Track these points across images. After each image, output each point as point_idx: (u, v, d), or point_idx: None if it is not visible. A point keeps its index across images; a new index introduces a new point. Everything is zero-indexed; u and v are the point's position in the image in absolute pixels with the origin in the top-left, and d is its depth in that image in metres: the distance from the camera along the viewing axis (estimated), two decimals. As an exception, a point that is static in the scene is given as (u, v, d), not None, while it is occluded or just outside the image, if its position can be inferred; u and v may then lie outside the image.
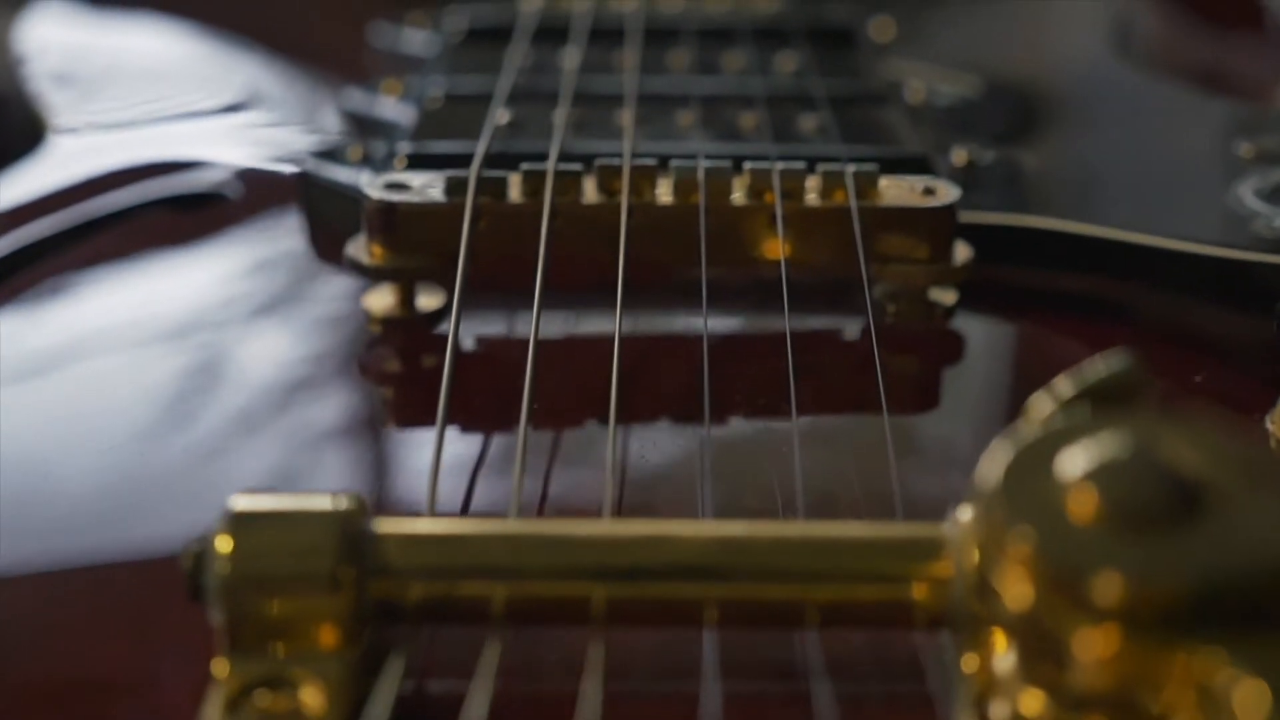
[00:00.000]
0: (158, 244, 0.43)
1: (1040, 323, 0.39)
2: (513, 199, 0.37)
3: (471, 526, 0.27)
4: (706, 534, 0.26)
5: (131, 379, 0.37)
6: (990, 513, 0.24)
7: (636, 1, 0.56)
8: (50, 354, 0.38)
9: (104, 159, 0.47)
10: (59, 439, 0.35)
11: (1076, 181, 0.45)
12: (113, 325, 0.39)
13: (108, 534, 0.31)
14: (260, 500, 0.26)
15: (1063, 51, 0.57)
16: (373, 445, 0.36)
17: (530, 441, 0.33)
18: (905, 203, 0.38)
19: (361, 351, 0.38)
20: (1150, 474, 0.23)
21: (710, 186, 0.38)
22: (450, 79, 0.48)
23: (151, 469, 0.33)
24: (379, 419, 0.37)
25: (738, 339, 0.39)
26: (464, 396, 0.35)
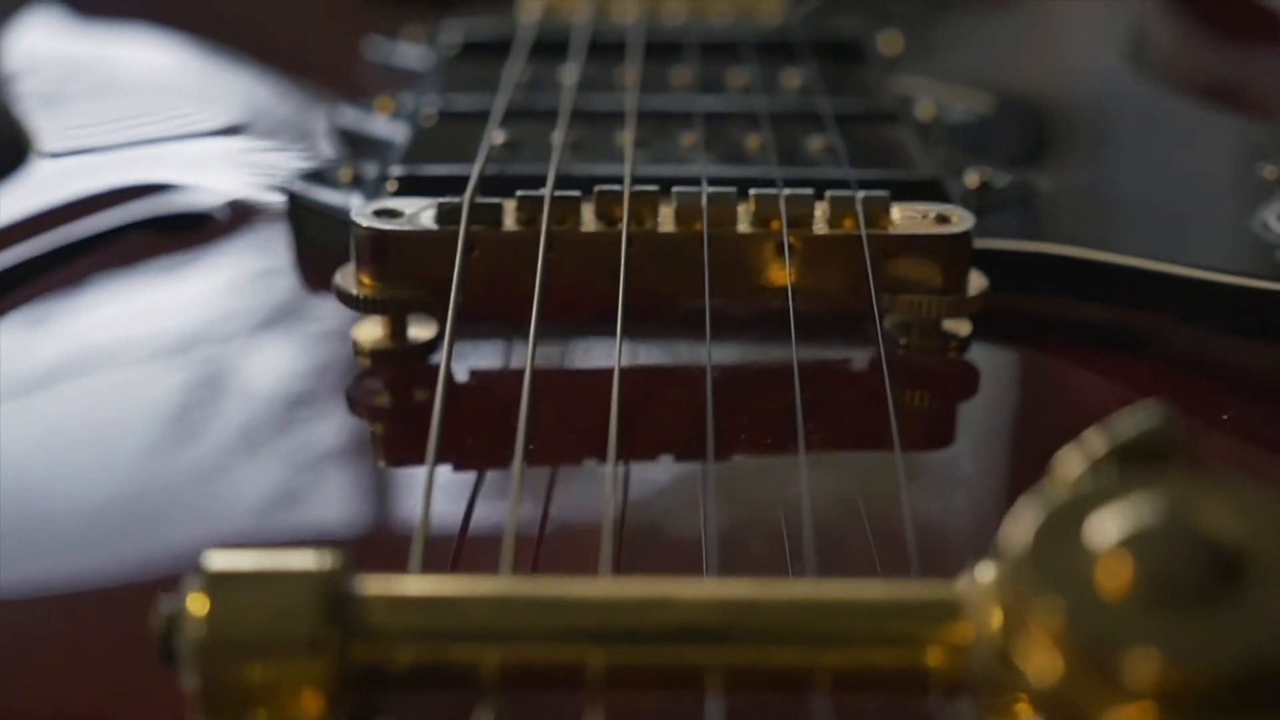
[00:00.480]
0: (139, 270, 0.42)
1: (1059, 354, 0.38)
2: (508, 227, 0.36)
3: (461, 586, 0.25)
4: (710, 595, 0.25)
5: (106, 406, 0.36)
6: (1016, 580, 0.22)
7: (637, 14, 0.54)
8: (22, 383, 0.36)
9: (87, 182, 0.45)
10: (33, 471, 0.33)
11: (1094, 205, 0.44)
12: (86, 355, 0.38)
13: (81, 563, 0.30)
14: (237, 558, 0.25)
15: (1077, 66, 0.55)
16: (360, 487, 0.34)
17: (525, 482, 0.31)
18: (918, 231, 0.36)
19: (350, 385, 0.36)
20: (1187, 543, 0.22)
21: (714, 214, 0.36)
22: (445, 96, 0.47)
23: (126, 501, 0.32)
24: (367, 457, 0.35)
25: (743, 372, 0.37)
26: (456, 434, 0.33)
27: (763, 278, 0.36)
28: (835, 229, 0.36)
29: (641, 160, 0.41)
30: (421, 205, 0.36)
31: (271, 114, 0.53)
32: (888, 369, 0.34)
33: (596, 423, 0.32)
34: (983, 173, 0.43)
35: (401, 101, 0.49)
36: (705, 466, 0.32)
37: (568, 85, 0.47)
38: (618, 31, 0.53)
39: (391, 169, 0.41)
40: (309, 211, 0.42)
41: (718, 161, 0.41)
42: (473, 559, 0.30)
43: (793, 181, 0.39)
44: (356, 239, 0.36)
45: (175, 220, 0.44)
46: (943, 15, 0.60)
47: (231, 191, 0.45)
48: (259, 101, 0.54)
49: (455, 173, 0.40)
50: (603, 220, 0.36)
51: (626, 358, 0.37)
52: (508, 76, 0.47)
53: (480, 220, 0.36)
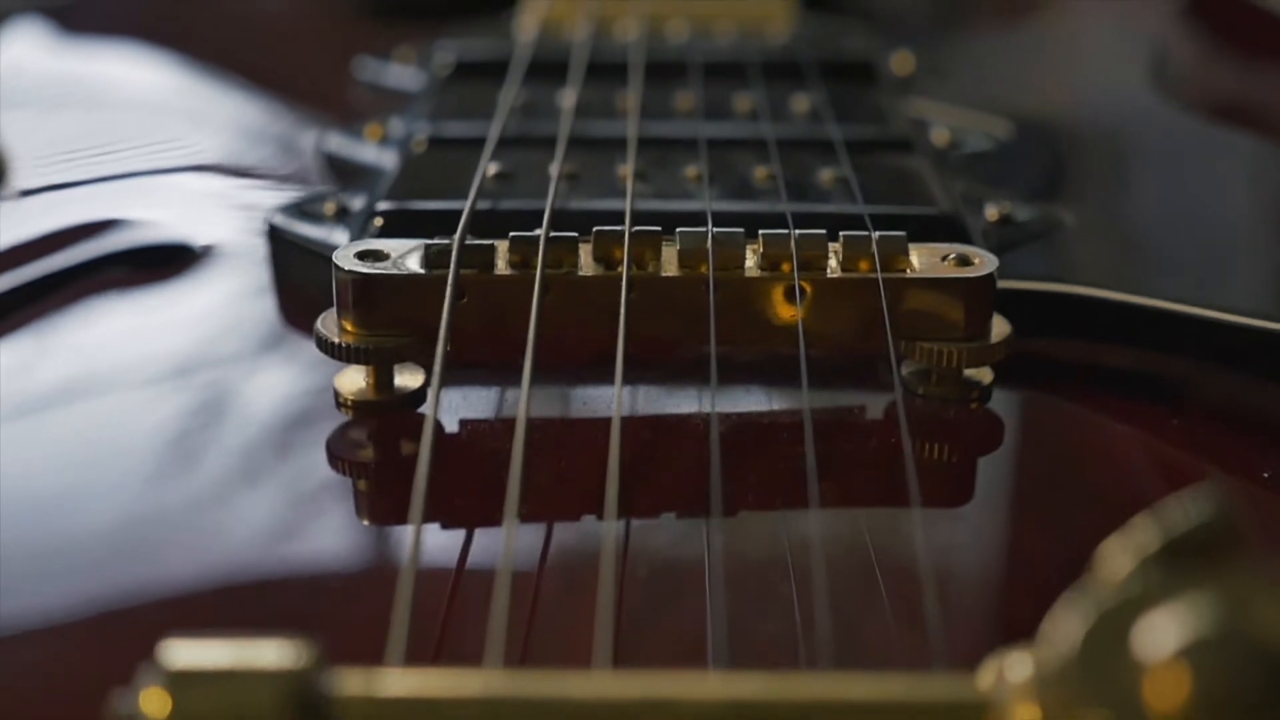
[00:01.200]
0: (107, 310, 0.39)
1: (1087, 403, 0.35)
2: (500, 270, 0.34)
3: (445, 683, 0.23)
4: (717, 695, 0.22)
5: (66, 457, 0.34)
6: (1060, 689, 0.20)
7: (639, 31, 0.52)
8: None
9: (57, 217, 0.43)
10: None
11: (1122, 241, 0.41)
12: (52, 398, 0.36)
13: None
14: (200, 651, 0.23)
15: (1099, 88, 0.52)
16: (340, 549, 0.32)
17: (518, 544, 0.29)
18: (937, 274, 0.34)
19: (331, 438, 0.34)
20: (1248, 655, 0.19)
21: (720, 256, 0.34)
22: (436, 122, 0.45)
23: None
24: (349, 516, 0.33)
25: (751, 424, 0.35)
26: (445, 492, 0.31)
27: (772, 323, 0.34)
28: (849, 272, 0.34)
29: (643, 195, 0.39)
30: (408, 247, 0.34)
31: (255, 139, 0.50)
32: (905, 420, 0.32)
33: (594, 480, 0.30)
34: (1003, 206, 0.40)
35: (391, 127, 0.46)
36: (710, 529, 0.30)
37: (565, 110, 0.45)
38: (618, 51, 0.50)
39: (378, 204, 0.39)
40: (290, 246, 0.40)
41: (723, 196, 0.39)
42: (460, 633, 0.28)
43: (803, 218, 0.37)
44: (338, 283, 0.34)
45: (151, 255, 0.42)
46: (955, 34, 0.57)
47: (210, 224, 0.43)
48: (243, 125, 0.52)
49: (445, 208, 0.38)
50: (601, 263, 0.34)
51: (627, 407, 0.35)
52: (502, 100, 0.45)
53: (471, 264, 0.33)
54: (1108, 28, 0.57)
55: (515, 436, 0.29)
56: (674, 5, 0.55)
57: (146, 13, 0.66)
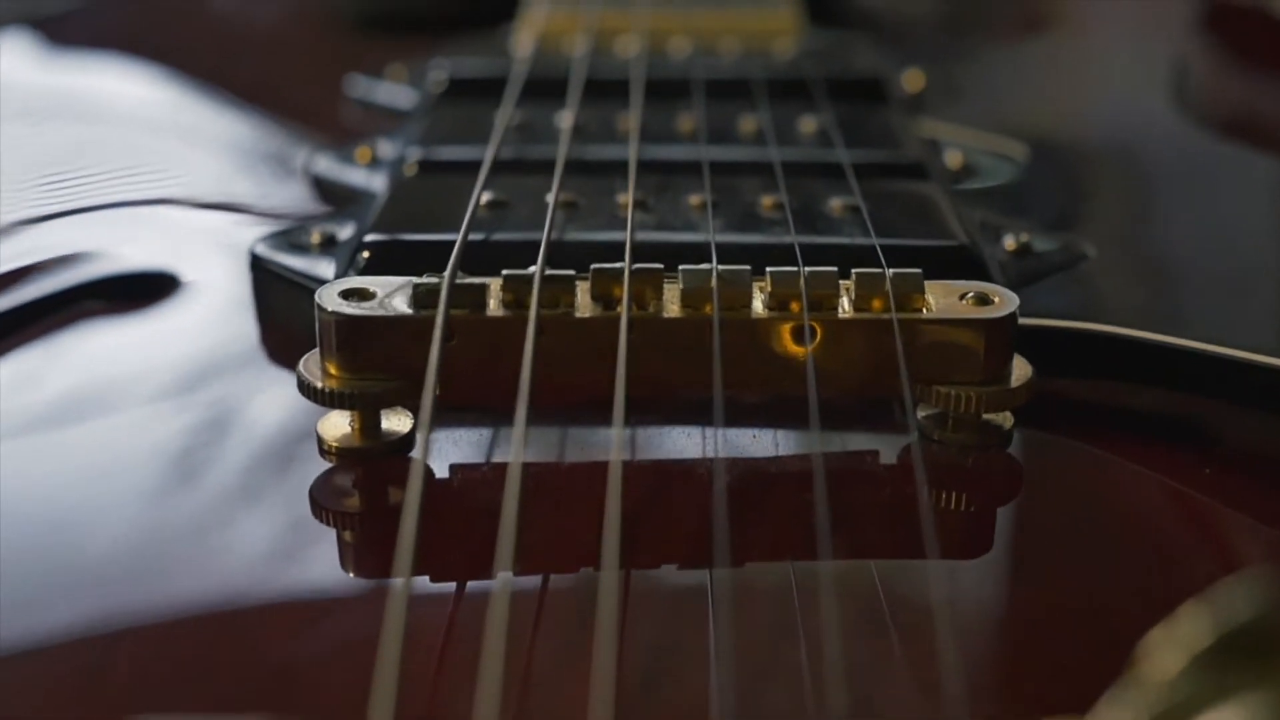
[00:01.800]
0: (76, 346, 0.37)
1: (1113, 448, 0.34)
2: (492, 311, 0.32)
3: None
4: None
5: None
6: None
7: (640, 47, 0.50)
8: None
9: (36, 243, 0.41)
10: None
11: (1148, 275, 0.39)
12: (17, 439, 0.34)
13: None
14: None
15: (1120, 108, 0.50)
16: (321, 607, 0.30)
17: (510, 602, 0.27)
18: (955, 315, 0.32)
19: (315, 486, 0.32)
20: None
21: (725, 296, 0.32)
22: (427, 146, 0.43)
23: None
24: (331, 571, 0.31)
25: (758, 471, 0.33)
26: (434, 546, 0.29)
27: (781, 366, 0.32)
28: (862, 312, 0.32)
29: (644, 225, 0.37)
30: (395, 285, 0.32)
31: (243, 159, 0.49)
32: (921, 468, 0.30)
33: (591, 531, 0.28)
34: (1021, 235, 0.38)
35: (381, 149, 0.45)
36: (715, 586, 0.28)
37: (563, 131, 0.43)
38: (618, 68, 0.49)
39: (366, 236, 0.37)
40: (274, 278, 0.38)
41: (728, 226, 0.37)
42: (448, 700, 0.26)
43: (812, 250, 0.35)
44: (321, 324, 0.32)
45: (128, 285, 0.40)
46: (967, 49, 0.56)
47: (192, 251, 0.41)
48: (230, 144, 0.50)
49: (436, 240, 0.36)
50: (600, 302, 0.32)
51: (627, 453, 0.33)
52: (497, 122, 0.43)
53: (461, 304, 0.32)
54: (1125, 42, 0.55)
55: (508, 485, 0.28)
56: (676, 19, 0.53)
57: (135, 26, 0.64)
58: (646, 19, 0.53)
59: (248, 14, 0.65)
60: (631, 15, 0.53)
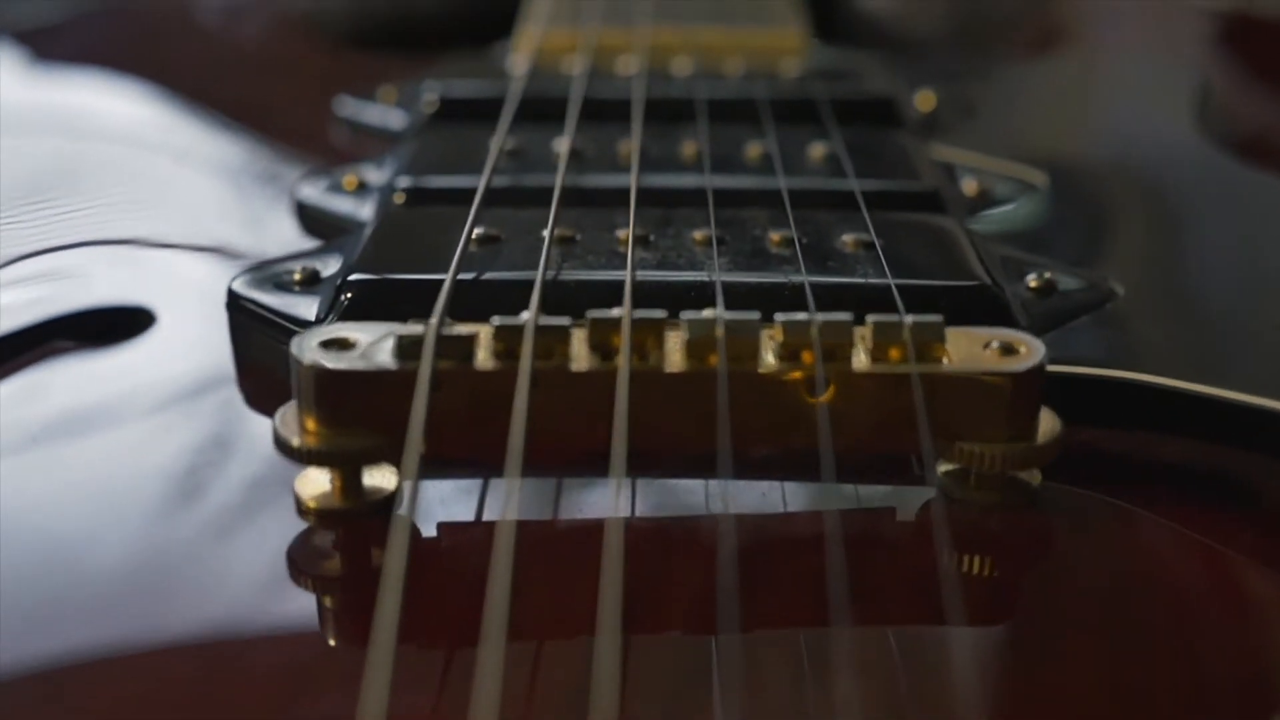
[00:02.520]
0: (48, 383, 0.35)
1: (1150, 506, 0.31)
2: (482, 362, 0.30)
3: None
4: None
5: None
6: None
7: (640, 66, 0.48)
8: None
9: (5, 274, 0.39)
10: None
11: (1182, 316, 0.37)
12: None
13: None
14: None
15: (1143, 132, 0.48)
16: (300, 677, 0.28)
17: (502, 676, 0.25)
18: (979, 368, 0.30)
19: (293, 548, 0.30)
20: None
21: (732, 346, 0.30)
22: (416, 175, 0.41)
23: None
24: (311, 639, 0.29)
25: (767, 532, 0.31)
26: (419, 616, 0.27)
27: (791, 421, 0.30)
28: (879, 362, 0.30)
29: (645, 263, 0.35)
30: (378, 334, 0.30)
31: (225, 184, 0.46)
32: (941, 529, 0.28)
33: (588, 598, 0.26)
34: (1043, 273, 0.36)
35: (370, 175, 0.42)
36: (720, 656, 0.26)
37: (560, 158, 0.41)
38: (618, 88, 0.46)
39: (349, 275, 0.35)
40: (252, 317, 0.36)
41: (735, 265, 0.35)
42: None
43: (824, 291, 0.33)
44: (298, 377, 0.29)
45: (99, 321, 0.38)
46: (981, 67, 0.53)
47: (168, 285, 0.39)
48: (212, 168, 0.48)
49: (423, 279, 0.34)
50: (597, 352, 0.30)
51: (626, 512, 0.31)
52: (490, 147, 0.41)
53: (449, 355, 0.29)
54: (1147, 61, 0.52)
55: (499, 550, 0.26)
56: (679, 37, 0.51)
57: (120, 40, 0.62)
58: (648, 36, 0.51)
59: (236, 30, 0.63)
60: (632, 32, 0.51)
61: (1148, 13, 0.58)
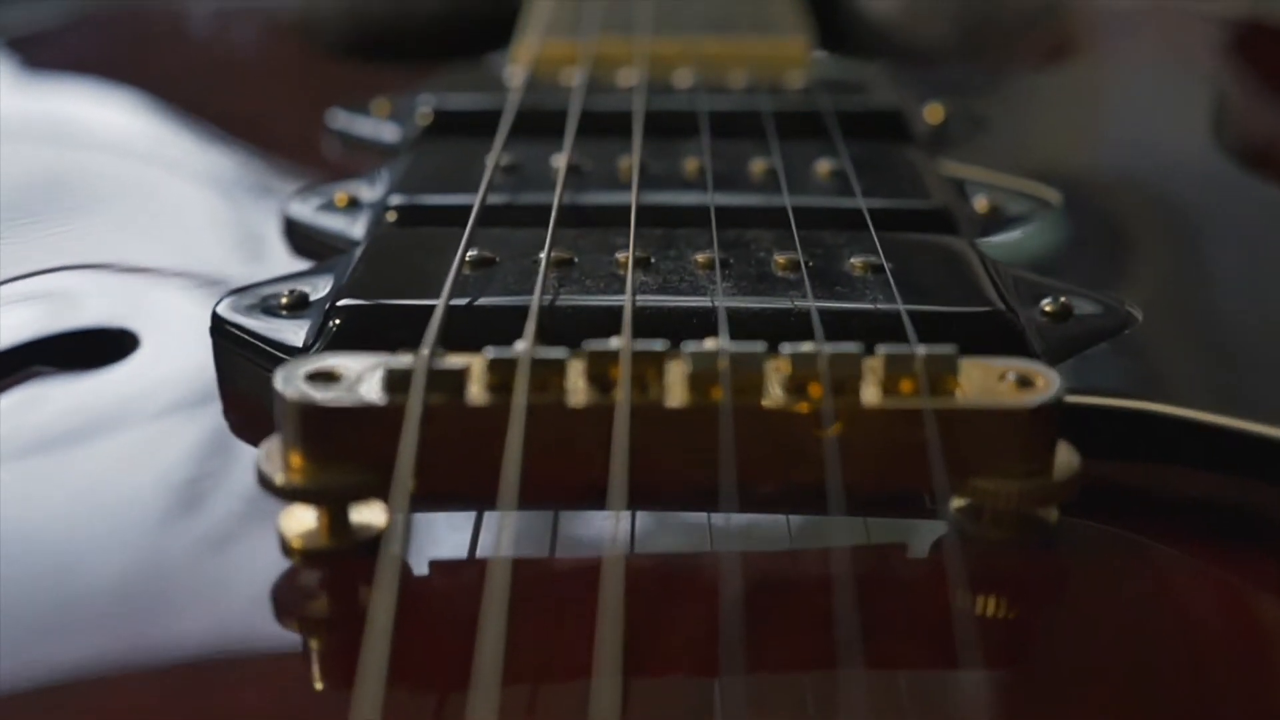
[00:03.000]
0: (22, 411, 0.34)
1: (1175, 544, 0.30)
2: (474, 397, 0.28)
3: None
4: None
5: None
6: None
7: (640, 77, 0.47)
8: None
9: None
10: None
11: (1204, 342, 0.36)
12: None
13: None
14: None
15: (1162, 149, 0.46)
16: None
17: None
18: (994, 403, 0.28)
19: (277, 588, 0.29)
20: None
21: (737, 379, 0.28)
22: (409, 192, 0.39)
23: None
24: (296, 690, 0.27)
25: (773, 571, 0.29)
26: (410, 660, 0.26)
27: (798, 457, 0.29)
28: (890, 395, 0.29)
29: (645, 288, 0.34)
30: (366, 365, 0.29)
31: (214, 199, 0.45)
32: (954, 568, 0.27)
33: (585, 641, 0.25)
34: (1059, 297, 0.35)
35: (362, 192, 0.41)
36: (724, 705, 0.25)
37: (557, 174, 0.39)
38: (618, 101, 0.45)
39: (339, 299, 0.34)
40: (238, 342, 0.34)
41: (739, 289, 0.34)
42: None
43: (832, 317, 0.32)
44: (282, 411, 0.28)
45: (79, 344, 0.36)
46: (990, 79, 0.52)
47: (152, 306, 0.38)
48: (202, 182, 0.46)
49: (415, 305, 0.32)
50: (595, 386, 0.29)
51: (625, 547, 0.30)
52: (486, 162, 0.40)
53: (440, 389, 0.28)
54: (1158, 71, 0.51)
55: (492, 590, 0.25)
56: (680, 47, 0.50)
57: (111, 46, 0.61)
58: (648, 46, 0.49)
59: (228, 39, 0.62)
60: (633, 43, 0.50)
61: (1158, 21, 0.57)
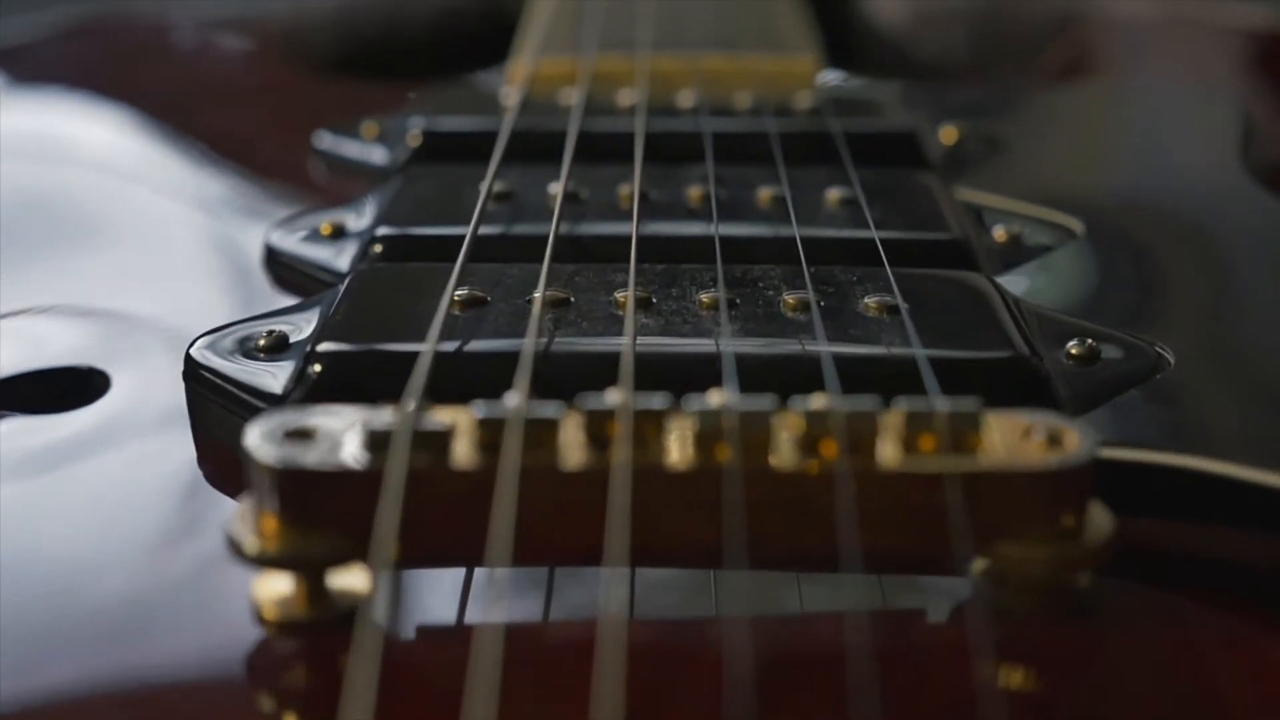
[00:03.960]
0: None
1: (1219, 611, 0.28)
2: (461, 459, 0.26)
3: None
4: None
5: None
6: None
7: (641, 97, 0.45)
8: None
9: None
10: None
11: (1242, 388, 0.33)
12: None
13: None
14: None
15: (1190, 177, 0.44)
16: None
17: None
18: (1022, 465, 0.26)
19: (251, 662, 0.27)
20: None
21: (744, 438, 0.26)
22: (396, 223, 0.37)
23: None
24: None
25: (781, 635, 0.27)
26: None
27: (809, 520, 0.27)
28: (910, 454, 0.26)
29: (647, 330, 0.32)
30: (346, 421, 0.27)
31: (195, 228, 0.43)
32: (979, 637, 0.25)
33: (581, 713, 0.23)
34: (1084, 339, 0.33)
35: (349, 220, 0.39)
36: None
37: (553, 202, 0.37)
38: (618, 123, 0.43)
39: (319, 343, 0.31)
40: (213, 389, 0.32)
41: (746, 331, 0.32)
42: None
43: (846, 364, 0.30)
44: (254, 473, 0.26)
45: (46, 385, 0.34)
46: (1006, 99, 0.50)
47: (124, 346, 0.36)
48: (182, 210, 0.44)
49: (401, 350, 0.30)
50: (592, 445, 0.26)
51: (623, 613, 0.28)
52: (478, 190, 0.38)
53: (424, 449, 0.26)
54: (1184, 90, 0.49)
55: (481, 660, 0.23)
56: (683, 64, 0.48)
57: (92, 61, 0.59)
58: (650, 64, 0.47)
59: (213, 55, 0.59)
60: (633, 60, 0.48)
61: (1181, 33, 0.55)
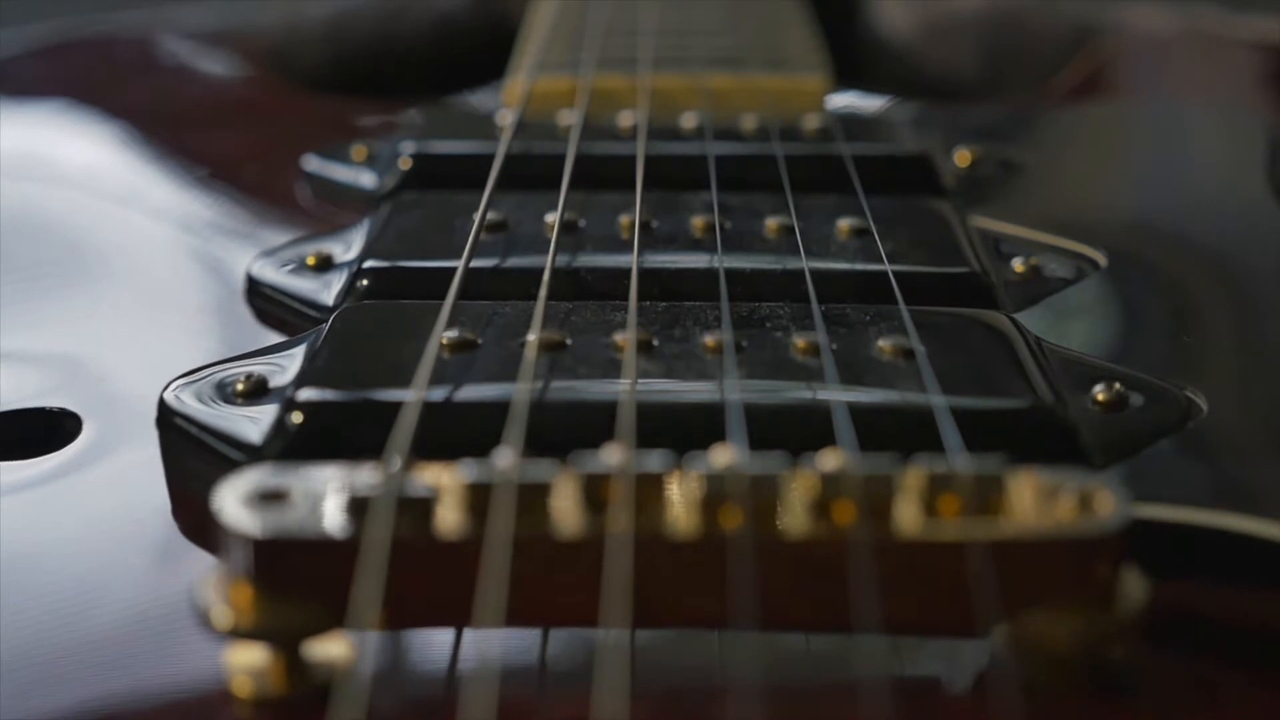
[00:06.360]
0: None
1: (1259, 680, 0.26)
2: (447, 526, 0.24)
3: None
4: None
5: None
6: None
7: (643, 118, 0.43)
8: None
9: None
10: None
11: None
12: None
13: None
14: None
15: (1225, 203, 0.42)
16: None
17: None
18: (1050, 532, 0.24)
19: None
20: None
21: (754, 504, 0.24)
22: (384, 257, 0.36)
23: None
24: None
25: (791, 702, 0.25)
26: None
27: (823, 591, 0.25)
28: (931, 519, 0.25)
29: (648, 374, 0.30)
30: (323, 482, 0.25)
31: (175, 258, 0.41)
32: (1001, 707, 0.24)
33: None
34: (1111, 384, 0.31)
35: (335, 249, 0.37)
36: None
37: (549, 232, 0.35)
38: (618, 146, 0.41)
39: (299, 391, 0.30)
40: (186, 436, 0.31)
41: (754, 374, 0.30)
42: None
43: (860, 416, 0.28)
44: (225, 539, 0.24)
45: (13, 429, 0.33)
46: (1021, 121, 0.48)
47: (96, 388, 0.34)
48: (162, 237, 0.42)
49: (386, 399, 0.29)
50: (588, 508, 0.25)
51: (624, 688, 0.26)
52: (472, 220, 0.36)
53: (409, 514, 0.24)
54: (1208, 110, 0.47)
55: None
56: (687, 84, 0.46)
57: (75, 78, 0.57)
58: (652, 83, 0.45)
59: (201, 73, 0.58)
60: (635, 79, 0.46)
61: (1202, 49, 0.53)
